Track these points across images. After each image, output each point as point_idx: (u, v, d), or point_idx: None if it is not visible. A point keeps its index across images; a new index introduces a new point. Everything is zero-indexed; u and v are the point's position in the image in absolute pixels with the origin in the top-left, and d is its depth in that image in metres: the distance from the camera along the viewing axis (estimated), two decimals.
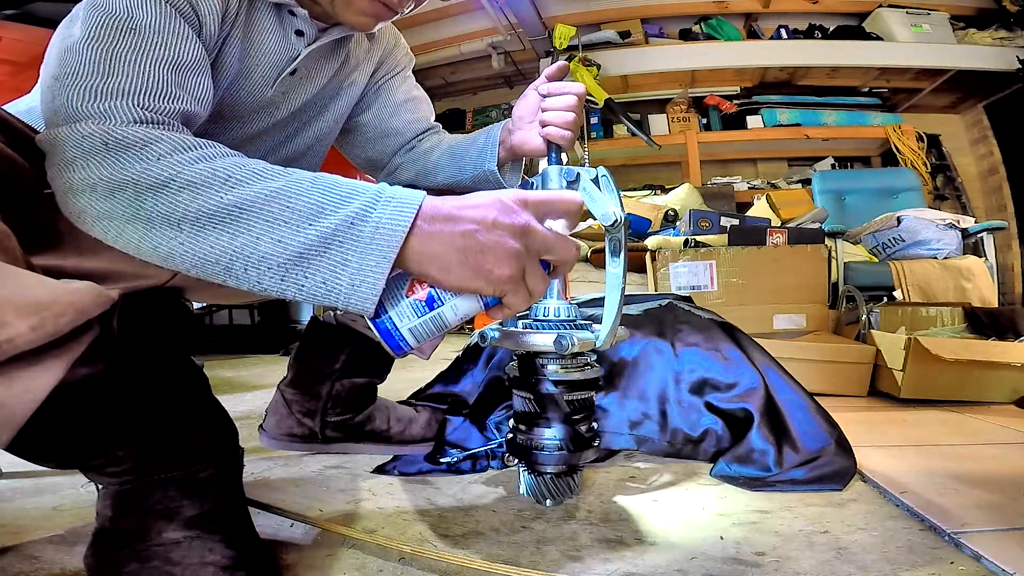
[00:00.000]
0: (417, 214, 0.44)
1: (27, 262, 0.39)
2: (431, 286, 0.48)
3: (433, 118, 0.95)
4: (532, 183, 0.76)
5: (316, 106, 0.79)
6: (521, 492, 0.75)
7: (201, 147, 0.46)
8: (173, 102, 0.51)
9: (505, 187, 0.80)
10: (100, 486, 0.52)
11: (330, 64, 0.77)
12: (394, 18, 0.70)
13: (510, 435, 0.76)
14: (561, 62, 0.78)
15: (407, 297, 0.48)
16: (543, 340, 0.69)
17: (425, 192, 0.45)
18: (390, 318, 0.48)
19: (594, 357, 0.75)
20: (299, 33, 0.68)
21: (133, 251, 0.45)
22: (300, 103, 0.75)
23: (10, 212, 0.40)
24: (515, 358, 0.75)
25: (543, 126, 0.75)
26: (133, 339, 0.50)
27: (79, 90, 0.47)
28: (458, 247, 0.44)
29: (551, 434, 0.72)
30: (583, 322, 0.73)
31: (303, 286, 0.43)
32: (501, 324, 0.76)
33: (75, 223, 0.46)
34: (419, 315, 0.49)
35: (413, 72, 0.97)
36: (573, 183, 0.72)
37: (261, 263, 0.43)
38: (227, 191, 0.43)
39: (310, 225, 0.42)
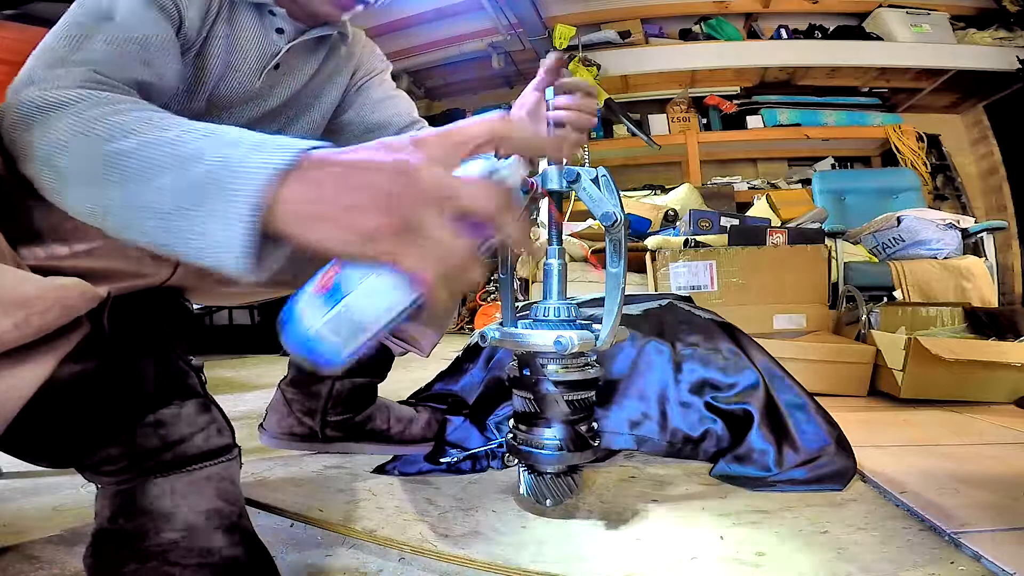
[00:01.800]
0: (296, 161, 0.37)
1: (15, 259, 0.39)
2: (336, 273, 0.40)
3: (416, 115, 0.95)
4: (533, 183, 0.76)
5: (303, 102, 0.82)
6: (521, 492, 0.75)
7: (124, 102, 0.44)
8: (130, 72, 0.52)
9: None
10: (98, 486, 0.52)
11: (312, 61, 0.80)
12: (361, 9, 0.73)
13: (510, 435, 0.76)
14: (557, 53, 0.78)
15: (314, 293, 0.40)
16: (543, 340, 0.69)
17: (327, 142, 0.40)
18: (299, 319, 0.40)
19: (594, 357, 0.75)
20: (280, 31, 0.72)
21: (74, 213, 0.42)
22: (287, 95, 0.78)
23: (3, 210, 0.40)
24: (515, 358, 0.75)
25: (558, 125, 0.74)
26: (125, 337, 0.50)
27: (38, 60, 0.48)
28: (326, 197, 0.37)
29: (551, 434, 0.72)
30: (583, 322, 0.73)
31: (190, 241, 0.38)
32: (501, 324, 0.76)
33: (41, 194, 0.44)
34: (326, 308, 0.39)
35: (414, 72, 1.01)
36: (573, 183, 0.72)
37: (145, 212, 0.39)
38: (124, 140, 0.40)
39: (187, 170, 0.38)
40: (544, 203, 0.80)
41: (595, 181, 0.71)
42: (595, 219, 0.72)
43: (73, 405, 0.45)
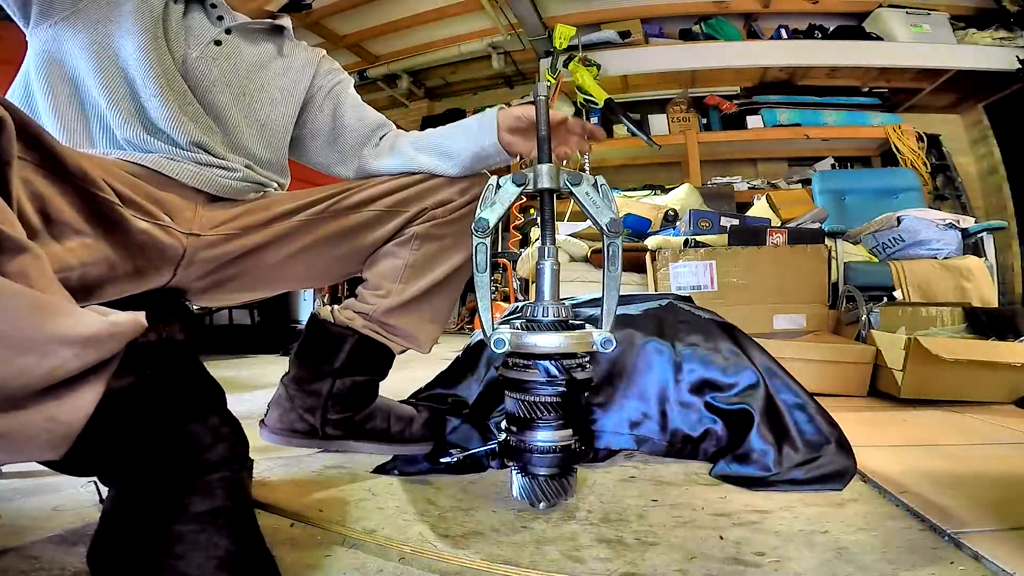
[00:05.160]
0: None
1: (63, 291, 0.43)
2: None
3: (383, 117, 1.04)
4: (527, 176, 0.76)
5: (261, 86, 0.90)
6: (514, 494, 0.75)
7: None
8: None
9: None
10: (111, 487, 0.52)
11: (259, 48, 0.92)
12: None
13: (503, 437, 0.76)
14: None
15: None
16: (536, 341, 0.69)
17: None
18: None
19: (587, 358, 0.75)
20: (219, 18, 0.87)
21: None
22: (234, 70, 0.88)
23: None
24: (508, 358, 0.75)
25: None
26: (158, 355, 0.53)
27: None
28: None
29: (544, 436, 0.72)
30: (577, 323, 0.73)
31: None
32: (514, 327, 0.76)
33: None
34: None
35: (413, 72, 1.17)
36: (577, 185, 0.73)
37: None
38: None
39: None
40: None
41: (594, 187, 0.72)
42: (595, 222, 0.73)
43: (114, 419, 0.47)
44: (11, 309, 0.35)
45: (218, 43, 0.85)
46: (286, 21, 0.95)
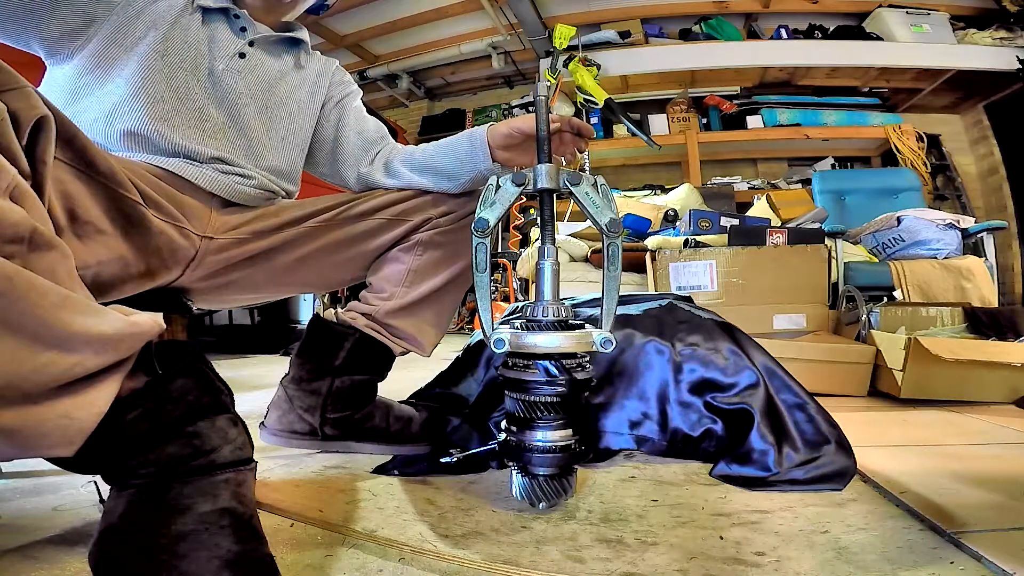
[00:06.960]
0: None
1: (84, 290, 0.43)
2: None
3: (385, 131, 1.04)
4: (526, 176, 0.76)
5: (284, 98, 0.92)
6: (514, 494, 0.75)
7: None
8: None
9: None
10: (116, 488, 0.52)
11: (280, 61, 0.92)
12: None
13: (503, 436, 0.76)
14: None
15: None
16: (536, 341, 0.69)
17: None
18: None
19: (587, 358, 0.75)
20: (243, 29, 0.88)
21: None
22: (259, 83, 0.88)
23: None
24: (508, 358, 0.75)
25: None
26: (169, 357, 0.53)
27: None
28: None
29: (543, 436, 0.71)
30: (577, 322, 0.73)
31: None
32: (514, 327, 0.76)
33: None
34: None
35: (413, 72, 1.20)
36: (576, 185, 0.73)
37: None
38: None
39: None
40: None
41: (594, 187, 0.72)
42: (595, 222, 0.73)
43: (124, 418, 0.47)
44: (38, 305, 0.36)
45: (243, 55, 0.86)
46: (304, 34, 0.96)
